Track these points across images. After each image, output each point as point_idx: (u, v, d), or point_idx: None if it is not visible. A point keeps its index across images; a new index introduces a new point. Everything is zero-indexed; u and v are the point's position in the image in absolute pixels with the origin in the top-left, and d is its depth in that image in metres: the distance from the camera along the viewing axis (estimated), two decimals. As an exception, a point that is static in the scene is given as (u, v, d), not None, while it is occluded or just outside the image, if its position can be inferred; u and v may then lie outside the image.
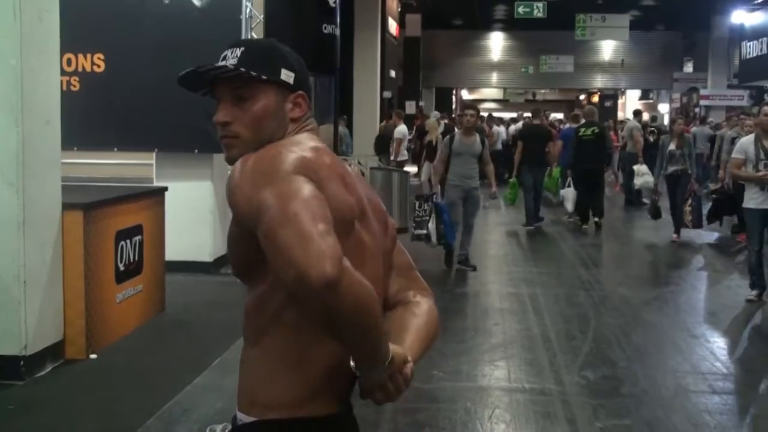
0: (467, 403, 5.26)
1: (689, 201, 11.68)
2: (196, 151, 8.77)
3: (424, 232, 9.31)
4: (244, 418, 1.74)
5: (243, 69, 1.79)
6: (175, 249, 8.02)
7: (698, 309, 8.24)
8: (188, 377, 5.55)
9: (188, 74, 1.84)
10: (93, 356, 5.96)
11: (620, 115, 37.55)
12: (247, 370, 1.76)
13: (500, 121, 25.81)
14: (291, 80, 1.84)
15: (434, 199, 9.45)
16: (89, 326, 5.97)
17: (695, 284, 9.56)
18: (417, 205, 9.57)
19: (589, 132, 13.01)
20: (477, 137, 9.65)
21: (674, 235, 12.11)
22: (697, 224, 11.74)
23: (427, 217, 9.33)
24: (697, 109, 32.11)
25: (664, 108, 38.44)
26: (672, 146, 11.88)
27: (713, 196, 12.16)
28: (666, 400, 5.43)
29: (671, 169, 11.88)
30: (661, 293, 8.98)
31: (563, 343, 6.76)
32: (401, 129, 17.48)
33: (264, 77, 1.80)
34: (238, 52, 1.83)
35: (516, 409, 5.19)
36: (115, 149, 9.05)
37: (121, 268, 6.54)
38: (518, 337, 6.94)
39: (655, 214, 12.65)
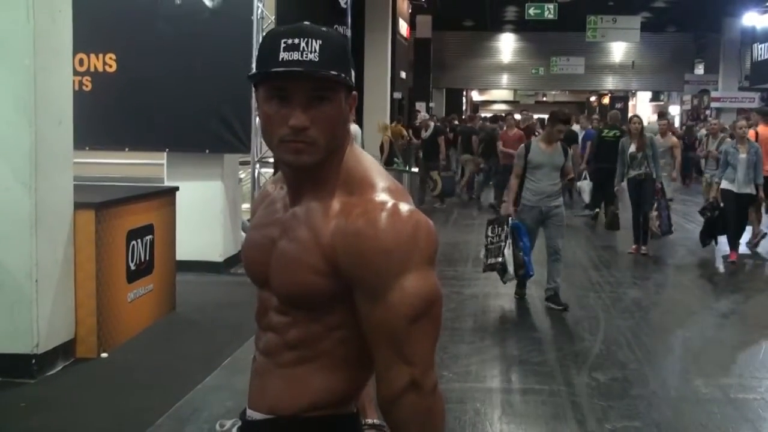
0: (477, 404, 5.26)
1: (655, 206, 10.85)
2: (207, 151, 8.80)
3: (499, 260, 7.77)
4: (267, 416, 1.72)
5: (332, 70, 1.60)
6: (186, 249, 8.04)
7: (707, 311, 8.20)
8: (198, 376, 5.56)
9: (263, 73, 1.62)
10: (104, 355, 5.98)
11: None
12: (285, 383, 1.70)
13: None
14: (351, 81, 1.67)
15: (509, 222, 7.84)
16: (100, 325, 5.99)
17: (704, 287, 9.52)
18: (489, 229, 8.04)
19: (611, 134, 13.69)
20: (559, 145, 8.00)
21: (633, 247, 11.11)
22: (666, 230, 11.01)
23: (502, 242, 7.79)
24: (708, 111, 32.00)
25: (674, 110, 38.33)
26: (632, 148, 10.84)
27: (705, 215, 11.06)
28: (676, 402, 5.41)
29: (633, 173, 10.85)
30: (671, 296, 8.96)
31: (573, 345, 6.74)
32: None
33: (347, 78, 1.63)
34: (316, 45, 1.60)
35: (525, 410, 5.18)
36: (127, 149, 9.08)
37: (132, 267, 6.55)
38: (528, 338, 6.93)
39: (612, 224, 12.08)
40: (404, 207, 1.59)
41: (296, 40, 1.60)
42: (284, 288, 1.67)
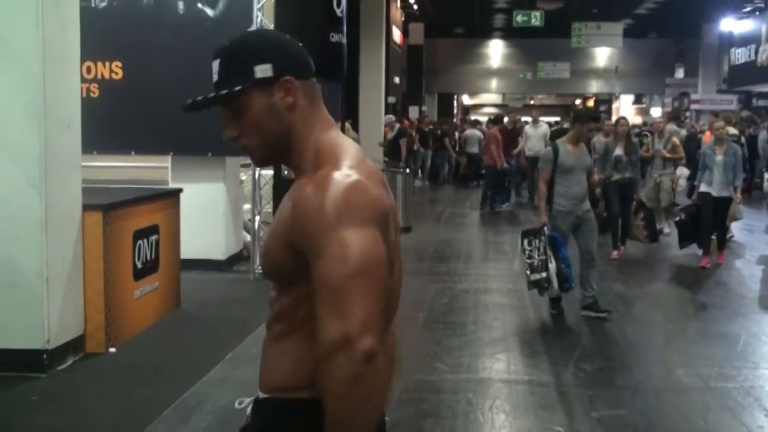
0: (469, 394, 5.26)
1: (641, 215, 10.26)
2: (210, 154, 8.78)
3: (544, 275, 7.07)
4: (265, 395, 1.74)
5: (219, 89, 1.69)
6: (190, 248, 8.03)
7: (689, 304, 8.21)
8: (203, 370, 5.56)
9: (189, 106, 1.76)
10: (112, 350, 5.98)
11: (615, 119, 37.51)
12: (274, 358, 1.72)
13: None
14: (269, 73, 1.67)
15: (545, 232, 7.16)
16: (108, 321, 5.98)
17: (685, 280, 9.53)
18: (526, 242, 7.24)
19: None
20: (584, 146, 7.52)
21: (614, 252, 10.42)
22: (653, 238, 10.45)
23: (544, 256, 7.09)
24: (688, 113, 32.05)
25: (656, 112, 38.37)
26: (618, 151, 10.17)
27: (678, 219, 10.28)
28: (659, 391, 5.42)
29: (617, 176, 10.16)
30: (654, 289, 8.96)
31: (561, 337, 6.75)
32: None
33: (238, 88, 1.66)
34: (216, 65, 1.71)
35: (515, 400, 5.19)
36: (133, 153, 9.06)
37: (139, 266, 6.55)
38: (518, 331, 6.93)
39: (604, 227, 10.77)
40: (347, 172, 1.58)
41: (213, 62, 1.73)
42: (262, 260, 1.77)
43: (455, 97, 42.09)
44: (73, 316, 5.77)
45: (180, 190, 7.61)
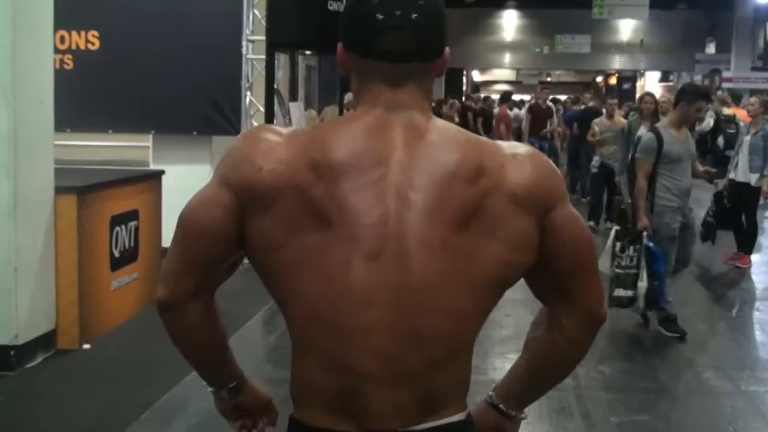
0: (477, 397, 5.22)
1: None
2: (195, 133, 8.77)
3: (630, 294, 6.51)
4: None
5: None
6: (173, 235, 8.02)
7: (718, 302, 8.22)
8: (186, 368, 5.50)
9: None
10: (86, 346, 5.98)
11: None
12: None
13: (519, 103, 25.41)
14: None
15: (645, 240, 6.51)
16: (83, 315, 5.98)
17: (715, 277, 9.51)
18: (619, 247, 6.59)
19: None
20: (687, 129, 6.92)
21: None
22: None
23: (636, 270, 6.50)
24: (719, 92, 32.01)
25: (684, 91, 38.30)
26: (643, 131, 9.16)
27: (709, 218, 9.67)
28: (685, 395, 5.42)
29: None
30: (681, 284, 8.95)
31: (578, 336, 6.74)
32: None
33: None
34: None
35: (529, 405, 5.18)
36: (110, 131, 9.04)
37: (116, 254, 6.54)
38: (531, 329, 6.92)
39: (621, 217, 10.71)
40: (252, 129, 1.72)
41: None
42: None
43: (464, 72, 41.99)
44: (44, 309, 5.77)
45: (162, 172, 7.60)
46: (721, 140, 13.00)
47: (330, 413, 1.58)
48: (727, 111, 14.29)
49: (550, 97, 17.65)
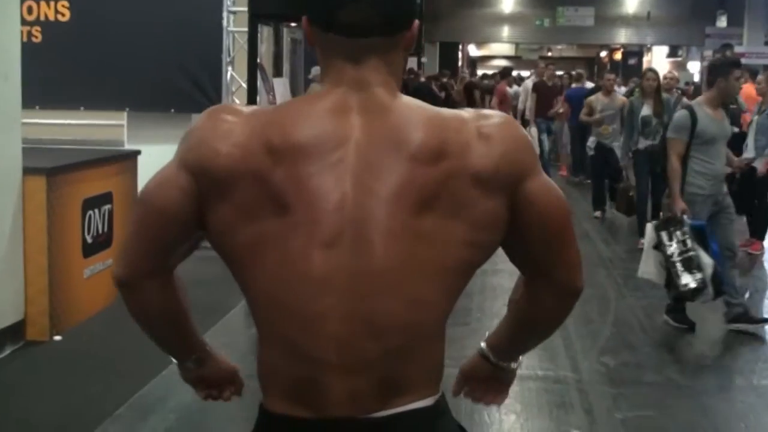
0: (473, 391, 5.26)
1: None
2: (173, 110, 8.74)
3: (699, 276, 6.12)
4: None
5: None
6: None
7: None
8: (164, 361, 5.49)
9: None
10: (57, 338, 5.96)
11: (645, 75, 37.44)
12: None
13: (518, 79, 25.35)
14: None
15: (686, 221, 6.28)
16: (53, 305, 5.96)
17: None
18: (665, 236, 6.28)
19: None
20: (724, 112, 6.78)
21: (641, 240, 9.17)
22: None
23: (693, 250, 6.16)
24: (731, 68, 31.98)
25: (694, 67, 38.34)
26: (646, 111, 9.65)
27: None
28: (694, 389, 5.43)
29: (645, 143, 9.56)
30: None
31: (580, 327, 6.75)
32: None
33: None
34: None
35: (527, 399, 5.20)
36: (82, 108, 9.01)
37: (89, 240, 6.52)
38: (530, 319, 6.93)
39: (630, 208, 10.28)
40: (214, 108, 1.75)
41: None
42: None
43: (460, 47, 41.91)
44: (12, 299, 5.75)
45: (137, 153, 7.57)
46: None
47: (289, 400, 1.65)
48: None
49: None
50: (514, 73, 26.72)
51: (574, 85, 16.14)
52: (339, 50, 1.65)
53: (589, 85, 16.30)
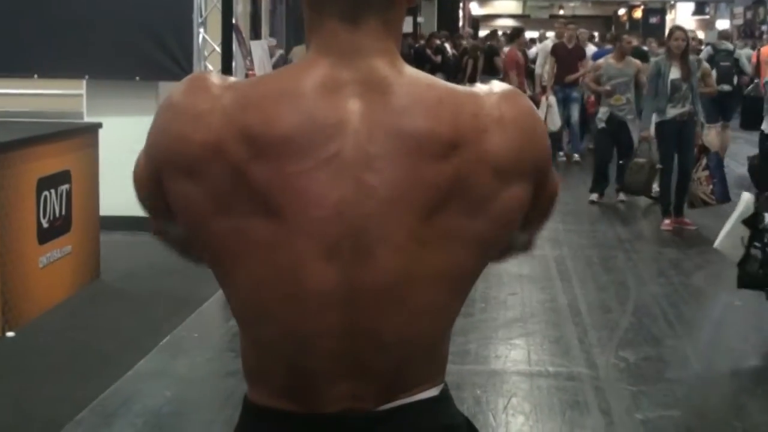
0: (477, 390, 5.28)
1: (703, 161, 9.51)
2: (138, 78, 8.70)
3: None
4: None
5: None
6: (112, 201, 7.95)
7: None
8: (130, 360, 5.55)
9: None
10: (10, 334, 5.96)
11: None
12: None
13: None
14: None
15: None
16: (5, 297, 5.96)
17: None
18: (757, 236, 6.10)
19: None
20: None
21: (666, 221, 9.82)
22: (723, 197, 9.46)
23: None
24: (764, 27, 32.01)
25: (723, 25, 38.31)
26: (674, 74, 9.54)
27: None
28: (722, 386, 5.46)
29: (674, 111, 9.51)
30: (717, 256, 8.99)
31: (596, 317, 6.78)
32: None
33: None
34: None
35: (537, 398, 5.21)
36: (36, 76, 8.97)
37: (45, 224, 6.51)
38: (541, 309, 6.96)
39: (647, 186, 10.32)
40: (190, 79, 1.70)
41: None
42: None
43: (461, 5, 41.85)
44: (-41, 291, 5.75)
45: (98, 125, 7.56)
46: (714, 74, 13.05)
47: (281, 398, 1.64)
48: (726, 45, 15.32)
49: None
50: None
51: (595, 49, 16.08)
52: (332, 8, 1.58)
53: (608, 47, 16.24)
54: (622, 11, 44.66)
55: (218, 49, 8.93)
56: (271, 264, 1.54)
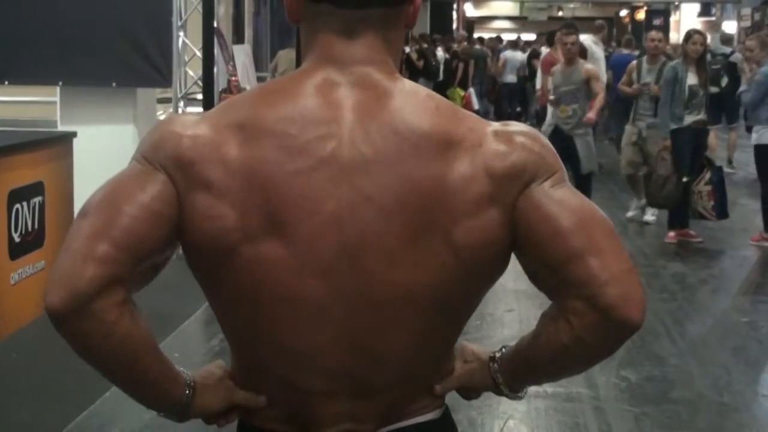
0: (472, 412, 5.29)
1: (706, 175, 9.46)
2: (114, 84, 8.71)
3: None
4: None
5: None
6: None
7: (765, 289, 8.30)
8: (106, 381, 5.54)
9: None
10: (-19, 355, 5.97)
11: (673, 38, 37.55)
12: None
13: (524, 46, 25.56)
14: None
15: None
16: (-25, 315, 5.97)
17: (760, 260, 9.57)
18: None
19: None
20: None
21: (671, 233, 9.83)
22: (723, 215, 9.54)
23: None
24: (772, 29, 32.11)
25: (730, 27, 38.43)
26: (692, 79, 9.51)
27: None
28: (728, 407, 5.48)
29: (691, 118, 9.47)
30: (725, 270, 9.01)
31: (597, 335, 6.78)
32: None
33: None
34: None
35: (536, 420, 5.23)
36: (6, 82, 8.98)
37: (17, 239, 6.51)
38: (538, 326, 6.96)
39: (669, 199, 9.80)
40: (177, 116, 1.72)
41: None
42: None
43: (454, 6, 41.89)
44: (-74, 309, 5.75)
45: (73, 134, 7.56)
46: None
47: (276, 420, 1.69)
48: (723, 49, 15.71)
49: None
50: (508, 37, 26.86)
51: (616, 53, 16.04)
52: (330, 22, 1.60)
53: (624, 52, 16.26)
54: (624, 12, 44.74)
55: (199, 53, 8.94)
56: (269, 279, 1.55)
